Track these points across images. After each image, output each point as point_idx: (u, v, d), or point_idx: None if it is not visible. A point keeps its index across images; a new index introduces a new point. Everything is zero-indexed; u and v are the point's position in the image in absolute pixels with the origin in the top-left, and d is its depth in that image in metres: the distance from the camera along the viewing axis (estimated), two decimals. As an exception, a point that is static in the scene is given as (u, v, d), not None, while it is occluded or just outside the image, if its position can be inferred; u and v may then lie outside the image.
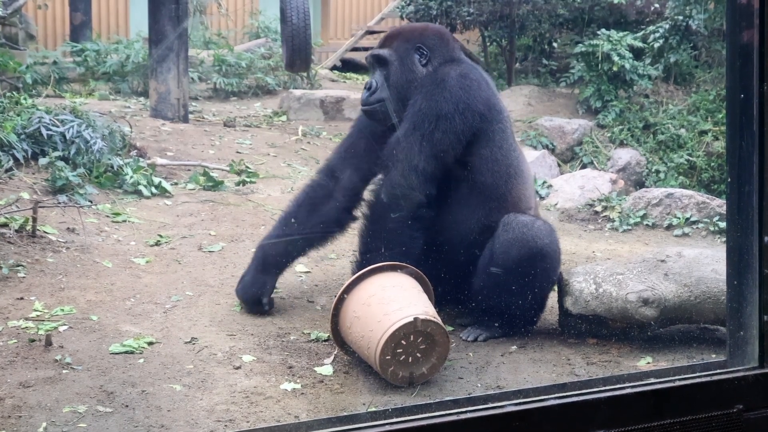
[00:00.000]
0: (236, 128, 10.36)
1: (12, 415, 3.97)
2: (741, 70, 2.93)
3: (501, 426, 2.82)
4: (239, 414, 4.10)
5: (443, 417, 2.81)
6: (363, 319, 4.52)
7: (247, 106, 12.01)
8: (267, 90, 12.76)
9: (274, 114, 11.42)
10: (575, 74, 11.00)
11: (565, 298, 5.01)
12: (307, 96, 11.74)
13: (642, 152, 9.91)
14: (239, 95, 12.46)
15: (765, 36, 2.82)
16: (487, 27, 13.22)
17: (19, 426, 3.90)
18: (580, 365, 4.72)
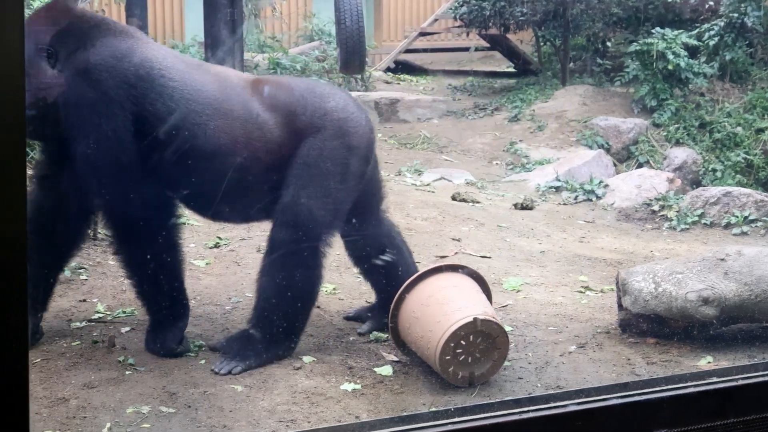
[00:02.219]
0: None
1: (77, 416, 4.03)
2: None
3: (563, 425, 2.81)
4: (300, 414, 4.13)
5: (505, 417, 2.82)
6: (422, 319, 4.53)
7: (301, 109, 12.05)
8: (321, 93, 12.79)
9: (329, 116, 11.45)
10: (630, 73, 10.92)
11: (625, 297, 4.99)
12: (361, 98, 11.77)
13: (698, 151, 9.82)
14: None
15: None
16: (541, 27, 13.18)
17: (84, 426, 3.96)
18: (641, 365, 4.69)
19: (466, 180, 8.78)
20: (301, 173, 4.58)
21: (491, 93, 13.18)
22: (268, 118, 4.57)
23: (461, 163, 9.71)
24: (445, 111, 11.90)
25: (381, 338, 4.95)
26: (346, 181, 4.69)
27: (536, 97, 11.83)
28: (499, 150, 10.31)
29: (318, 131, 4.61)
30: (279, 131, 4.59)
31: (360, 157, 4.75)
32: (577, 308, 5.55)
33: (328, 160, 4.62)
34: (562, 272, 6.22)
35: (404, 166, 9.24)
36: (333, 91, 4.87)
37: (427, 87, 14.11)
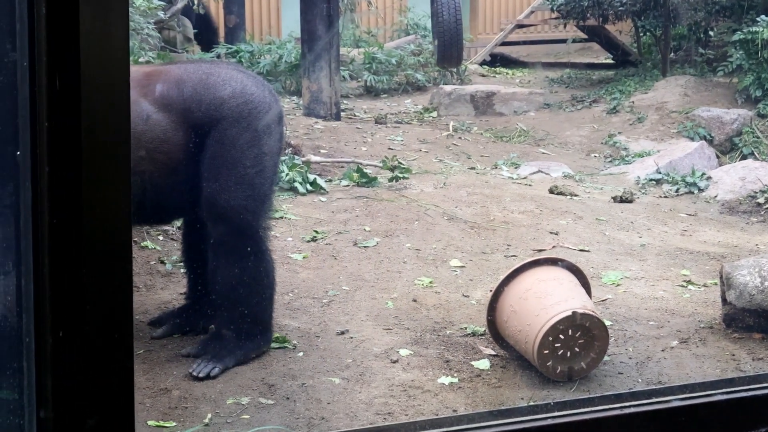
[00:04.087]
0: (387, 125, 10.44)
1: (179, 406, 4.09)
2: None
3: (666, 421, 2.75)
4: (397, 407, 4.13)
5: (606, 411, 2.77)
6: (520, 312, 4.49)
7: (397, 103, 12.09)
8: (417, 86, 12.81)
9: (424, 110, 11.46)
10: (734, 63, 10.67)
11: (729, 291, 4.87)
12: (457, 91, 11.74)
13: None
14: (389, 92, 12.54)
15: None
16: (641, 17, 12.97)
17: (185, 416, 4.02)
18: (746, 361, 4.59)
19: (564, 173, 8.67)
20: (212, 166, 4.45)
21: (589, 85, 13.02)
22: (161, 119, 4.42)
23: (558, 156, 9.60)
24: (542, 104, 11.79)
25: (478, 332, 4.93)
26: (260, 163, 4.55)
27: (635, 89, 11.64)
28: (597, 142, 10.18)
29: (218, 122, 4.47)
30: (175, 130, 4.44)
31: (269, 135, 4.61)
32: (679, 303, 5.44)
33: (234, 149, 4.47)
34: (663, 266, 6.11)
35: (501, 159, 9.18)
36: (228, 76, 4.63)
37: (524, 80, 14.01)
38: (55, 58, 1.39)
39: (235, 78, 4.64)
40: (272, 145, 4.66)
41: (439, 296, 5.46)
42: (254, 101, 4.56)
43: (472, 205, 7.07)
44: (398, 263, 5.89)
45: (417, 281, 5.63)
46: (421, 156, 9.06)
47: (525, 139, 10.40)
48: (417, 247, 6.16)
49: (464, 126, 10.58)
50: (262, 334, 4.61)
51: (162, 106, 4.45)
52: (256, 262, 4.55)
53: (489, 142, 10.18)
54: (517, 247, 6.31)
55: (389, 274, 5.68)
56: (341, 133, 9.57)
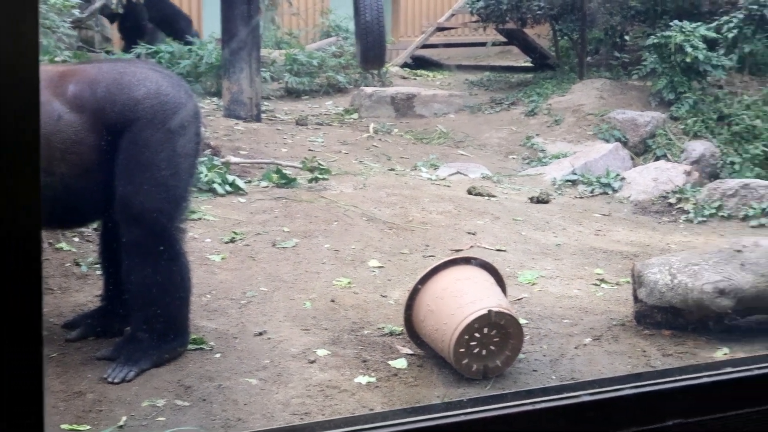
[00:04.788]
0: (308, 126, 10.44)
1: (93, 409, 4.05)
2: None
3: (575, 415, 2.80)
4: (314, 407, 4.14)
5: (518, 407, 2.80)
6: (437, 312, 4.53)
7: (318, 105, 12.09)
8: (338, 88, 12.83)
9: (345, 112, 11.48)
10: (648, 66, 10.87)
11: (640, 289, 4.97)
12: (378, 93, 11.78)
13: (716, 144, 9.77)
14: (311, 94, 12.54)
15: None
16: (558, 21, 13.16)
17: (99, 419, 3.98)
18: (656, 357, 4.68)
19: (482, 174, 8.76)
20: (127, 168, 4.40)
21: (508, 87, 13.15)
22: (73, 120, 4.35)
23: (477, 158, 9.69)
24: (462, 106, 11.88)
25: (396, 331, 4.95)
26: (176, 165, 4.51)
27: (553, 91, 11.80)
28: (515, 144, 10.30)
29: (132, 123, 4.40)
30: (88, 131, 4.37)
31: (185, 136, 4.56)
32: (593, 301, 5.54)
33: (149, 150, 4.42)
34: (577, 265, 6.21)
35: (420, 160, 9.24)
36: (144, 76, 4.56)
37: (444, 82, 14.10)
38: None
39: (151, 78, 4.57)
40: (188, 146, 4.62)
41: (357, 296, 5.48)
42: (170, 102, 4.49)
43: (391, 206, 7.11)
44: (317, 264, 5.90)
45: (335, 282, 5.65)
46: (341, 157, 9.08)
47: (445, 140, 10.48)
48: (336, 248, 6.18)
49: (385, 127, 10.62)
50: (178, 336, 4.58)
51: (75, 106, 4.37)
52: (171, 263, 4.52)
53: (409, 143, 10.23)
54: (435, 247, 6.36)
55: (308, 275, 5.68)
56: (262, 134, 9.55)
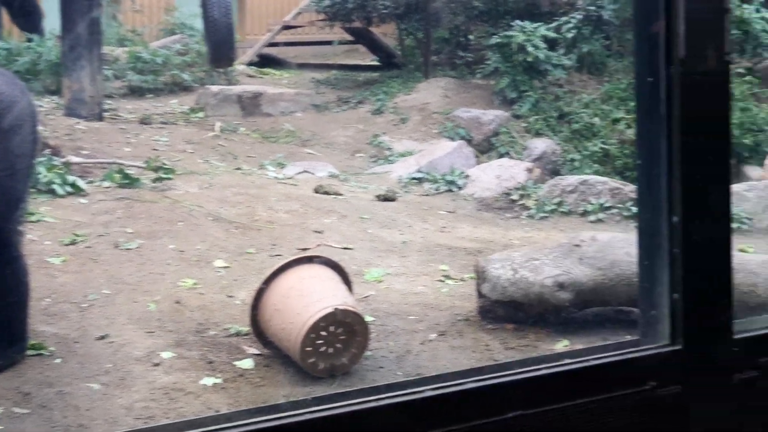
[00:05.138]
0: (152, 125, 10.27)
1: (-75, 419, 3.90)
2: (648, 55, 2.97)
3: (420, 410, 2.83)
4: (159, 411, 4.07)
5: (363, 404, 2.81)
6: (283, 311, 4.52)
7: (163, 103, 11.90)
8: (184, 87, 12.65)
9: (191, 111, 11.33)
10: (491, 65, 11.08)
11: (483, 285, 5.06)
12: (224, 92, 11.67)
13: (557, 141, 10.02)
14: (155, 92, 12.33)
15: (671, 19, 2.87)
16: (403, 20, 13.26)
17: (-68, 430, 3.84)
18: (499, 350, 4.77)
19: (329, 173, 8.78)
20: None
21: (355, 86, 13.19)
22: None
23: (324, 156, 9.70)
24: (309, 104, 11.87)
25: (242, 332, 4.92)
26: (10, 165, 4.35)
27: (399, 90, 11.88)
28: (362, 143, 10.34)
29: None
30: None
31: (20, 135, 4.40)
32: (438, 297, 5.60)
33: None
34: (423, 262, 6.28)
35: (267, 159, 9.19)
36: None
37: (291, 81, 14.06)
38: None
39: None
40: (24, 146, 4.47)
41: (203, 297, 5.41)
42: (2, 100, 4.34)
43: (237, 206, 7.05)
44: (161, 265, 5.81)
45: (180, 283, 5.57)
46: (186, 157, 8.96)
47: (292, 139, 10.45)
48: (181, 249, 6.09)
49: (231, 127, 10.53)
50: (15, 342, 4.44)
51: None
52: (7, 267, 4.38)
53: (256, 142, 10.17)
54: (282, 246, 6.34)
55: (152, 277, 5.59)
56: (104, 133, 9.34)
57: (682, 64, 2.80)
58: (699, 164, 2.89)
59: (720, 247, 3.02)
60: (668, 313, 3.04)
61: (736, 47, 11.26)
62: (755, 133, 10.03)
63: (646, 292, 3.15)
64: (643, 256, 3.13)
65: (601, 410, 2.90)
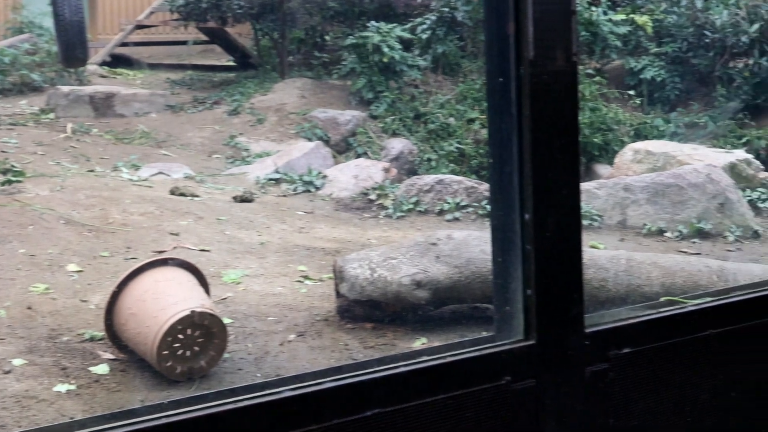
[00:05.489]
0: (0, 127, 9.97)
1: None
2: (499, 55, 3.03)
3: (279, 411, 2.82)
4: (10, 419, 3.96)
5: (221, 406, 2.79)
6: (138, 315, 4.45)
7: (11, 104, 11.56)
8: (33, 87, 12.31)
9: (41, 112, 11.04)
10: (347, 66, 11.12)
11: (342, 284, 5.07)
12: (75, 92, 11.41)
13: (414, 141, 10.12)
14: (3, 93, 11.98)
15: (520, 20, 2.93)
16: (259, 20, 13.19)
17: None
18: (358, 349, 4.79)
19: (185, 174, 8.68)
20: None
21: (211, 87, 13.07)
22: None
23: (180, 158, 9.58)
24: (164, 105, 11.70)
25: (97, 337, 4.82)
26: None
27: (256, 91, 11.83)
28: (218, 144, 10.25)
29: None
30: None
31: None
32: (297, 297, 5.60)
33: None
34: (281, 263, 6.26)
35: (121, 161, 9.03)
36: None
37: (145, 81, 13.83)
38: None
39: None
40: None
41: (55, 302, 5.29)
42: None
43: (90, 208, 6.91)
44: (11, 270, 5.65)
45: (32, 288, 5.43)
46: (37, 159, 8.73)
47: (146, 140, 10.29)
48: (32, 253, 5.94)
49: (83, 128, 10.30)
50: None
51: None
52: None
53: (109, 144, 9.97)
54: (137, 249, 6.23)
55: (1, 282, 5.43)
56: (-52, 135, 9.04)
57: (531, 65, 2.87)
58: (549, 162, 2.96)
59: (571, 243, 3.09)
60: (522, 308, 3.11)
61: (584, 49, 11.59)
62: (604, 132, 10.32)
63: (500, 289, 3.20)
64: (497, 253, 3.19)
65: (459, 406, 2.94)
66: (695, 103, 11.57)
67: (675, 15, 12.19)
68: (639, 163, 9.04)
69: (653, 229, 7.63)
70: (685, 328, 3.45)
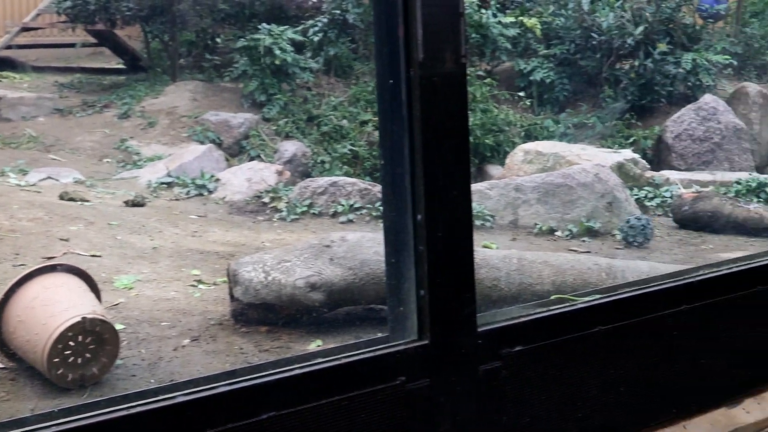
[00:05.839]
0: None
1: None
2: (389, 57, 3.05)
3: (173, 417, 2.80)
4: None
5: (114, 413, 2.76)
6: (27, 322, 4.36)
7: None
8: None
9: None
10: (239, 69, 11.06)
11: (236, 288, 5.05)
12: (-43, 96, 11.14)
13: (307, 144, 10.11)
14: None
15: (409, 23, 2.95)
16: (149, 22, 13.03)
17: None
18: (253, 353, 4.78)
19: (75, 179, 8.53)
20: None
21: (101, 90, 12.86)
22: None
23: (70, 162, 9.41)
24: (52, 109, 11.49)
25: (-16, 346, 4.71)
26: None
27: (146, 93, 11.69)
28: (109, 147, 10.10)
29: None
30: None
31: None
32: (191, 302, 5.56)
33: None
34: (174, 267, 6.21)
35: (7, 166, 8.83)
36: None
37: (32, 84, 13.54)
38: None
39: None
40: None
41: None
42: None
43: (-24, 215, 6.75)
44: None
45: None
46: None
47: (34, 145, 10.08)
48: None
49: (-34, 133, 10.07)
50: None
51: None
52: None
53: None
54: (25, 255, 6.11)
55: None
56: None
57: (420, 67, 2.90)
58: (440, 164, 2.99)
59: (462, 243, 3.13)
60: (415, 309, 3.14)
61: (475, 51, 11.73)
62: (496, 133, 10.46)
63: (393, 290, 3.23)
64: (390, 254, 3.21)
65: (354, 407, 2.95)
66: (584, 104, 11.81)
67: (563, 17, 12.42)
68: (530, 164, 9.18)
69: (544, 229, 7.77)
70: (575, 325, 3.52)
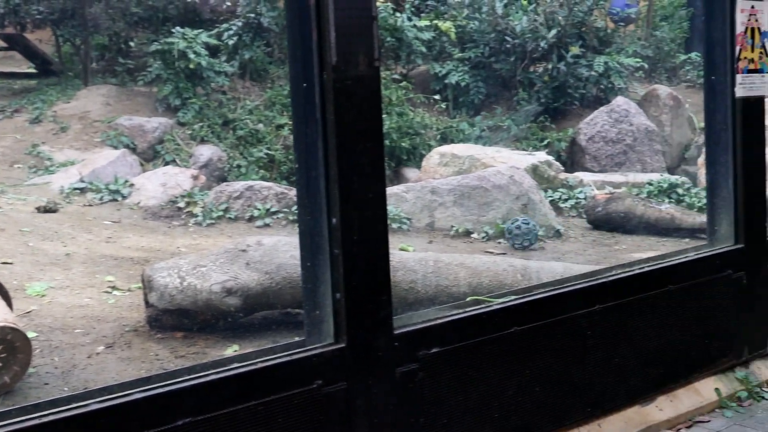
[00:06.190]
0: None
1: None
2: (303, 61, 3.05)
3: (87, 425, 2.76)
4: None
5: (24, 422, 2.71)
6: (-65, 332, 4.27)
7: None
8: None
9: None
10: (153, 72, 10.96)
11: (151, 294, 5.00)
12: None
13: (223, 148, 10.05)
14: None
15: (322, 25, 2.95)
16: (60, 26, 12.84)
17: None
18: (169, 359, 4.73)
19: (-15, 185, 8.39)
20: None
21: (11, 95, 12.63)
22: None
23: (-21, 168, 9.25)
24: (-41, 115, 11.26)
25: None
26: None
27: (58, 98, 11.51)
28: (20, 153, 9.93)
29: None
30: None
31: None
32: (105, 309, 5.49)
33: None
34: (88, 274, 6.13)
35: None
36: None
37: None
38: None
39: None
40: None
41: None
42: None
43: None
44: None
45: None
46: None
47: (-58, 150, 9.88)
48: None
49: None
50: None
51: None
52: None
53: None
54: (-69, 265, 6.00)
55: None
56: None
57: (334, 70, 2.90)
58: (354, 167, 3.00)
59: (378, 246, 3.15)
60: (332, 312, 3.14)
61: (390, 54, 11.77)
62: (412, 136, 10.51)
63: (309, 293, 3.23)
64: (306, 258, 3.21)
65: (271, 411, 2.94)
66: (498, 106, 11.92)
67: (477, 21, 12.53)
68: (445, 166, 9.24)
69: (460, 231, 7.82)
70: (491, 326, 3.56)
